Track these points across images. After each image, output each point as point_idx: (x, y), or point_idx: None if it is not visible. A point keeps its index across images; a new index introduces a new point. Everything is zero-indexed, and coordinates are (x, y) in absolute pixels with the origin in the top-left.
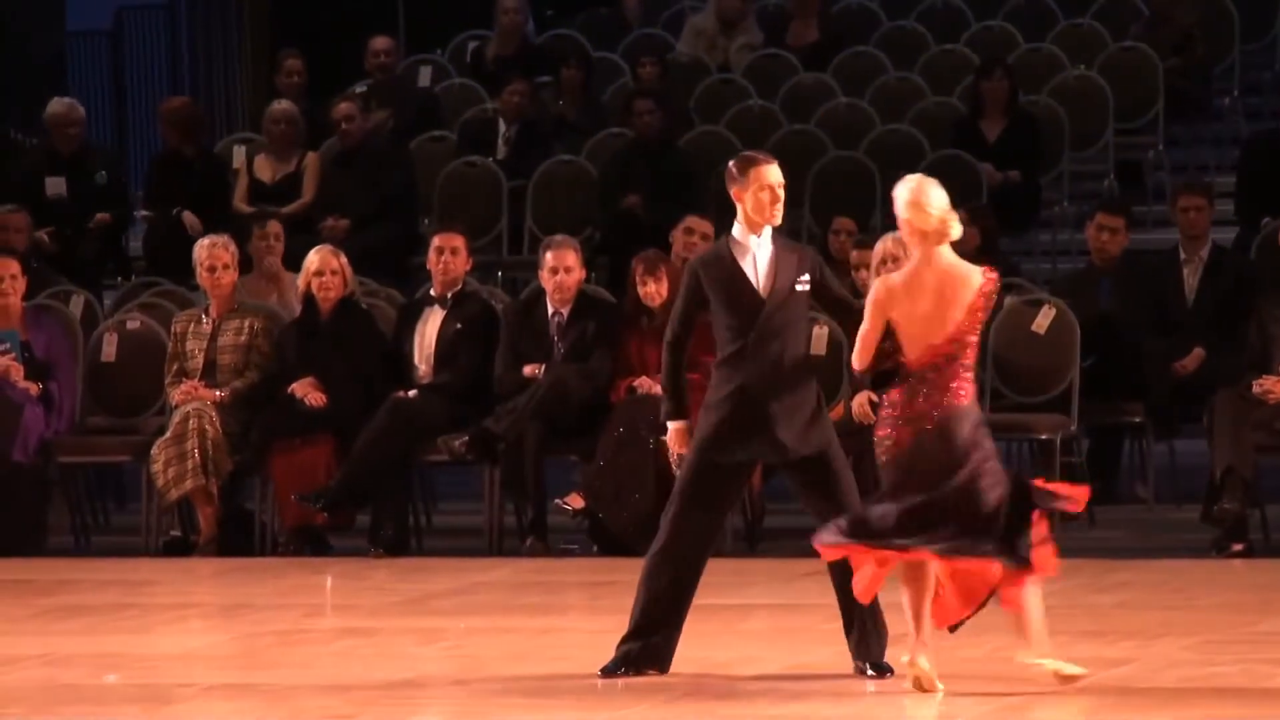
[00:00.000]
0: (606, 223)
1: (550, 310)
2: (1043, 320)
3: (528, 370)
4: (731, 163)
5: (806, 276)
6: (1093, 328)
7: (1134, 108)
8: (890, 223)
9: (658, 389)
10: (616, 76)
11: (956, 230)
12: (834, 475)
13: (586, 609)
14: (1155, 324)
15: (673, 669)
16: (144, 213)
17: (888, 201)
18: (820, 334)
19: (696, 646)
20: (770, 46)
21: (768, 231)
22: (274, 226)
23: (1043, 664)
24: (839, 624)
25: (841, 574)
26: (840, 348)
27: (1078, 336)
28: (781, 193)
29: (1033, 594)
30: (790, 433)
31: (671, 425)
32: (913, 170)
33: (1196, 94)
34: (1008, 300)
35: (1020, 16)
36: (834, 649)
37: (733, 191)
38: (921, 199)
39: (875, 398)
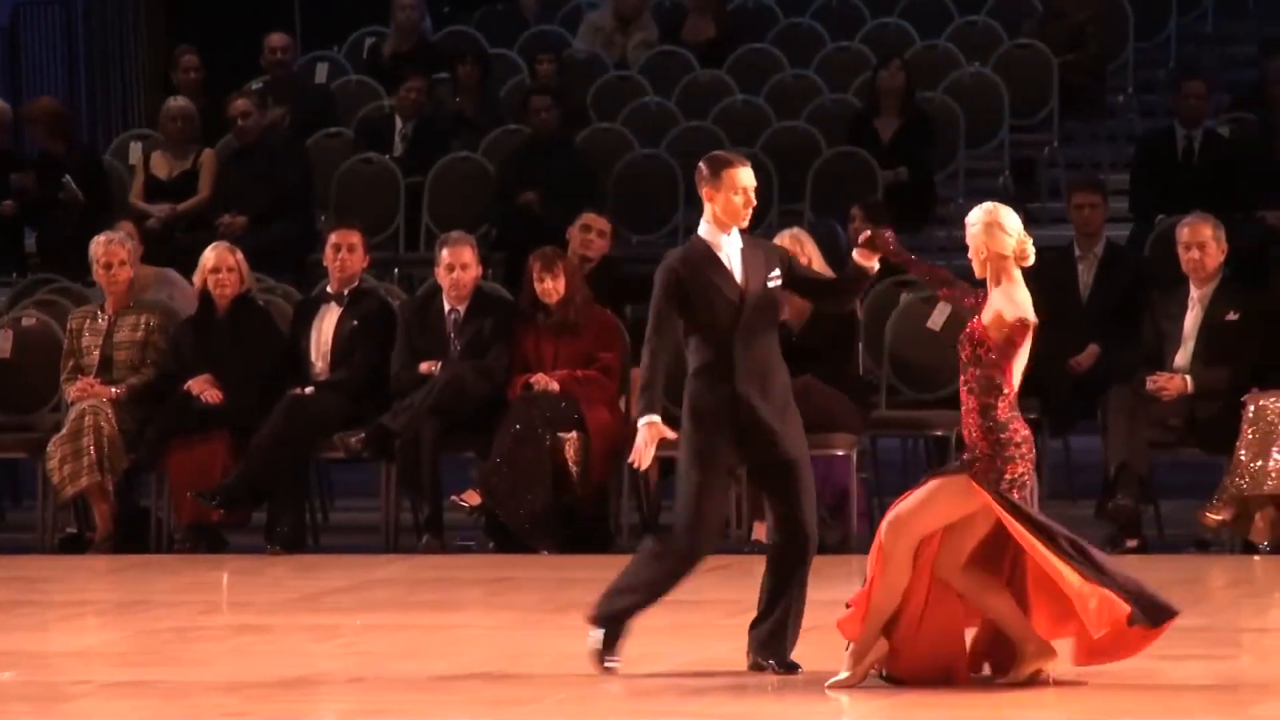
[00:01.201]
0: (503, 219)
1: (447, 307)
2: (938, 317)
3: (424, 367)
4: (702, 162)
5: (777, 272)
6: None
7: (1029, 105)
8: (788, 219)
9: (554, 385)
10: (513, 73)
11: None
12: (807, 480)
13: (483, 606)
14: (1050, 321)
15: (570, 665)
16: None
17: (783, 197)
18: None
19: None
20: (667, 43)
21: (736, 230)
22: (126, 226)
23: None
24: (740, 619)
25: (778, 565)
26: None
27: None
28: (753, 196)
29: None
30: (783, 433)
31: (645, 420)
32: (808, 167)
33: (1091, 91)
34: (903, 297)
35: (915, 13)
36: (735, 644)
37: (703, 191)
38: (1000, 219)
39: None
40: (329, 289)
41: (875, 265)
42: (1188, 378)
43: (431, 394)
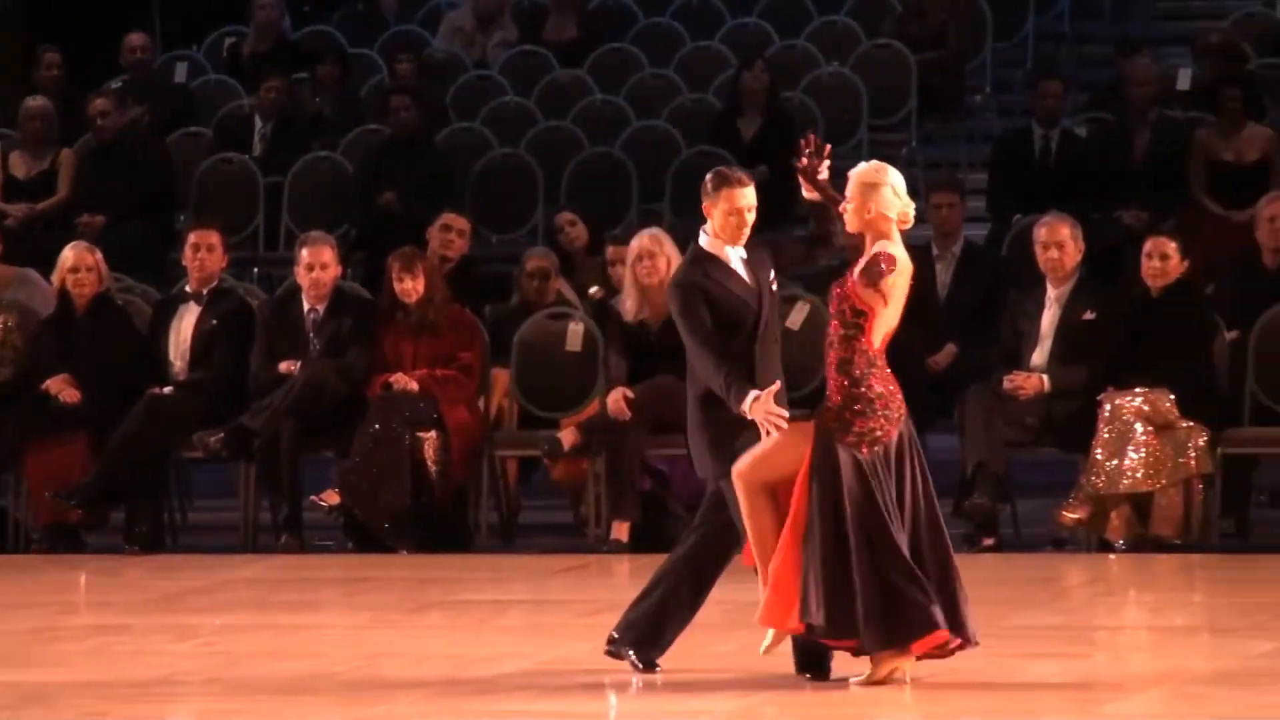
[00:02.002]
0: (363, 219)
1: (306, 307)
2: (796, 317)
3: (283, 367)
4: (709, 176)
5: (773, 274)
6: None
7: (887, 104)
8: (647, 219)
9: (413, 385)
10: (373, 73)
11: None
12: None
13: (342, 605)
14: (908, 320)
15: (428, 665)
16: None
17: (642, 197)
18: (576, 330)
19: (453, 642)
20: (527, 43)
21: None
22: None
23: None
24: (597, 619)
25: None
26: (595, 343)
27: None
28: (751, 215)
29: None
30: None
31: (749, 398)
32: (668, 167)
33: (949, 91)
34: None
35: (775, 13)
36: (592, 644)
37: (704, 205)
38: (892, 181)
39: (630, 394)
40: (188, 288)
41: (816, 196)
42: (1045, 377)
43: (290, 393)
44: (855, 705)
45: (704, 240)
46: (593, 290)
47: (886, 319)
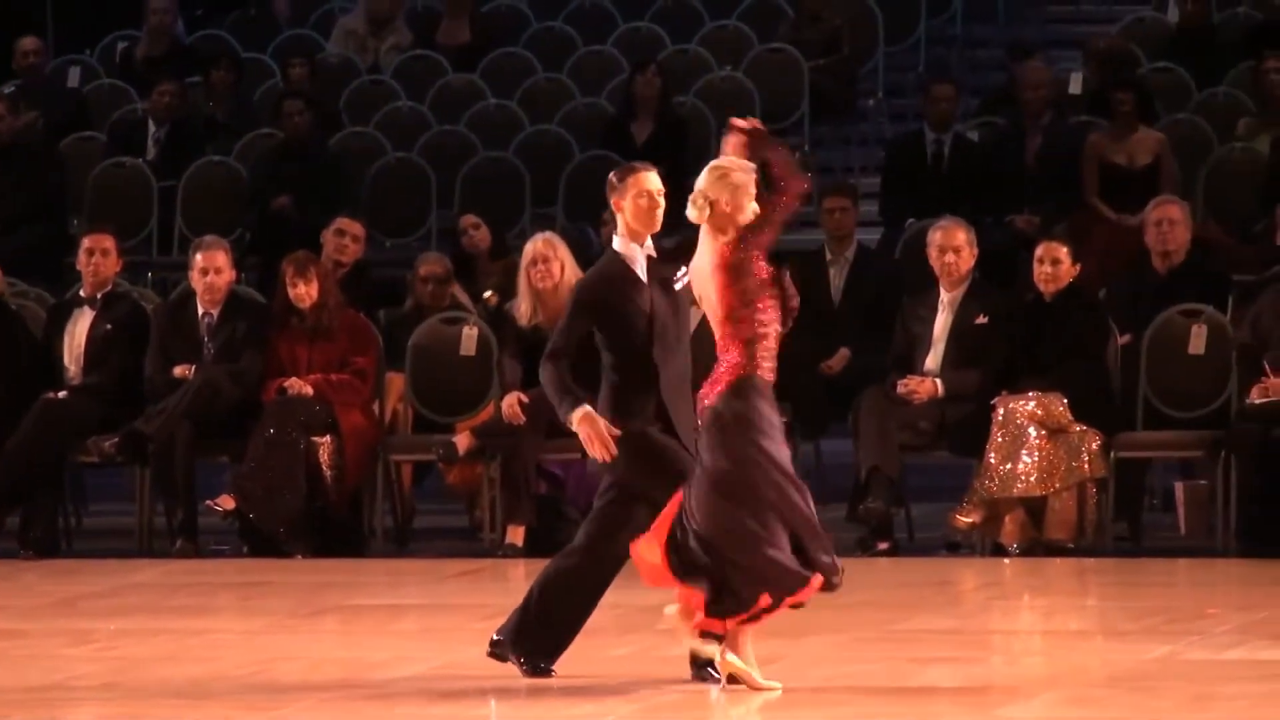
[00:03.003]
0: (256, 223)
1: (200, 311)
2: (691, 320)
3: (178, 371)
4: (611, 174)
5: (684, 270)
6: None
7: (780, 108)
8: (541, 224)
9: (308, 389)
10: (266, 77)
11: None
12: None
13: (237, 610)
14: (801, 324)
15: (324, 669)
16: None
17: (535, 201)
18: (470, 334)
19: (348, 647)
20: (420, 47)
21: (649, 241)
22: None
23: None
24: (490, 623)
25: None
26: (490, 348)
27: None
28: (661, 199)
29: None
30: (692, 442)
31: (579, 412)
32: (561, 171)
33: (841, 95)
34: None
35: (667, 17)
36: (484, 648)
37: (612, 201)
38: (752, 187)
39: (525, 398)
40: (82, 293)
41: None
42: (938, 381)
43: (185, 398)
44: (751, 710)
45: (616, 242)
46: (486, 295)
47: None
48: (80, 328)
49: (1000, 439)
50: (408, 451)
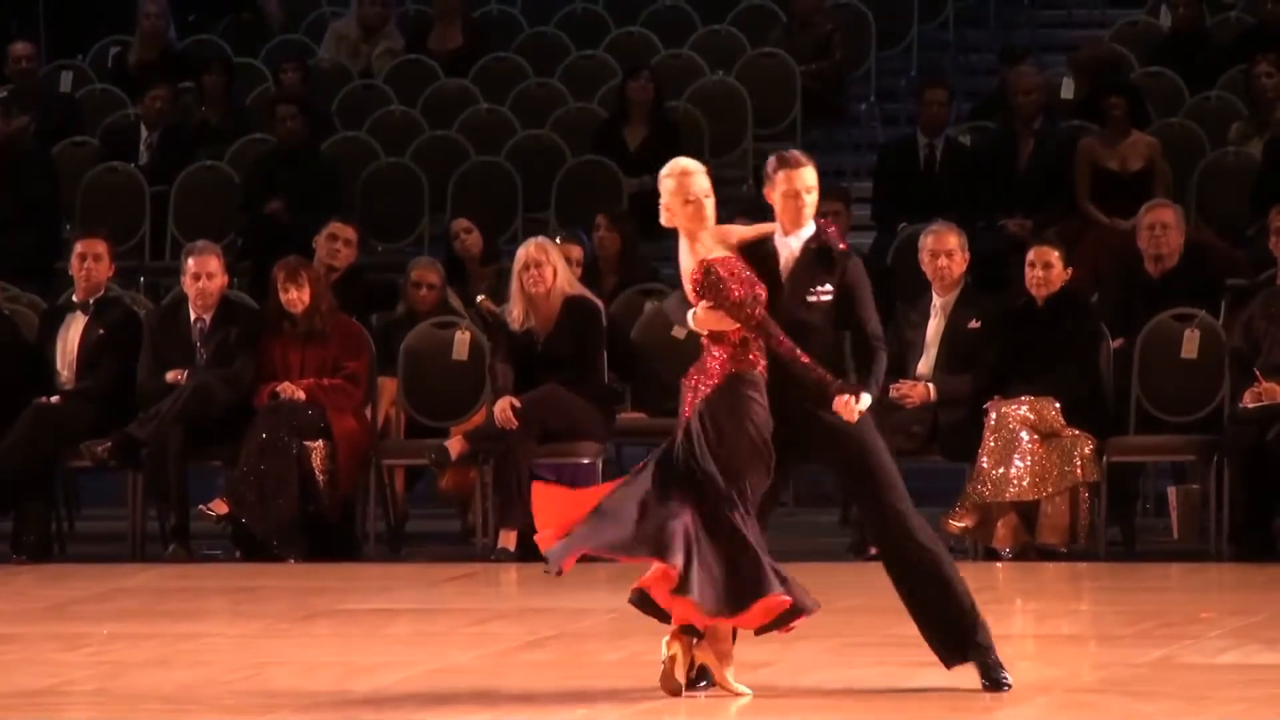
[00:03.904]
0: (249, 228)
1: (193, 316)
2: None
3: (170, 376)
4: (769, 159)
5: (829, 286)
6: None
7: (772, 113)
8: (533, 228)
9: (300, 394)
10: (259, 82)
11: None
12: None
13: (229, 614)
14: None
15: (316, 674)
16: None
17: (528, 206)
18: (462, 339)
19: (340, 651)
20: (412, 52)
21: (803, 233)
22: None
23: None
24: (482, 627)
25: None
26: (482, 353)
27: None
28: (809, 197)
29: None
30: None
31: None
32: (553, 176)
33: (833, 100)
34: (648, 305)
35: (660, 22)
36: (478, 652)
37: (764, 191)
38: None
39: (517, 403)
40: (74, 298)
41: None
42: (930, 385)
43: (178, 403)
44: (742, 714)
45: (777, 233)
46: (480, 299)
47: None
48: (73, 333)
49: (993, 443)
50: (400, 456)
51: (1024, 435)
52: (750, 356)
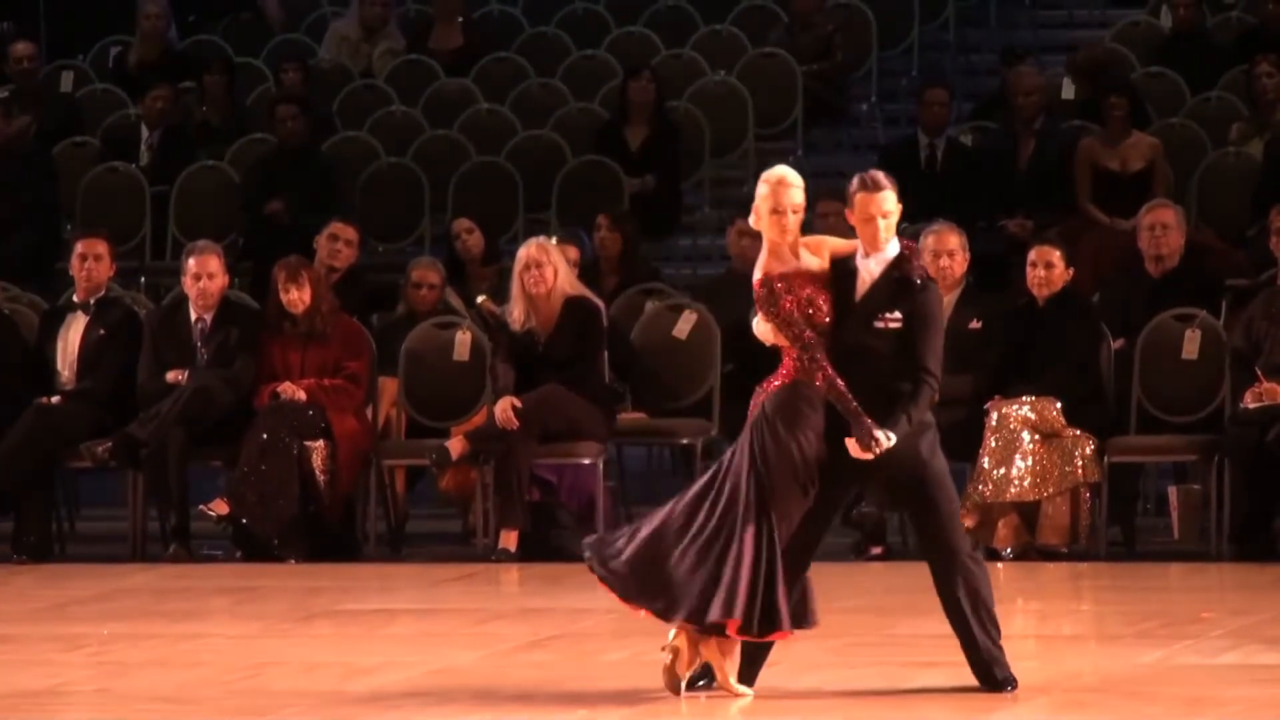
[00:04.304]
0: (250, 228)
1: (193, 316)
2: (684, 326)
3: (171, 376)
4: (852, 180)
5: (898, 314)
6: (733, 334)
7: (773, 114)
8: (534, 229)
9: (301, 394)
10: (259, 82)
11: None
12: None
13: (230, 614)
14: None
15: (317, 674)
16: None
17: (529, 206)
18: (463, 339)
19: (341, 651)
20: (413, 52)
21: (884, 255)
22: None
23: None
24: (482, 628)
25: None
26: (483, 353)
27: (718, 342)
28: (884, 220)
29: None
30: None
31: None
32: (554, 176)
33: (835, 100)
34: (649, 305)
35: (661, 22)
36: (479, 653)
37: (845, 212)
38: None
39: (518, 403)
40: (75, 298)
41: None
42: None
43: (178, 403)
44: (743, 715)
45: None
46: (480, 299)
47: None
48: (73, 333)
49: (994, 443)
50: (401, 456)
51: (1025, 435)
52: (808, 370)
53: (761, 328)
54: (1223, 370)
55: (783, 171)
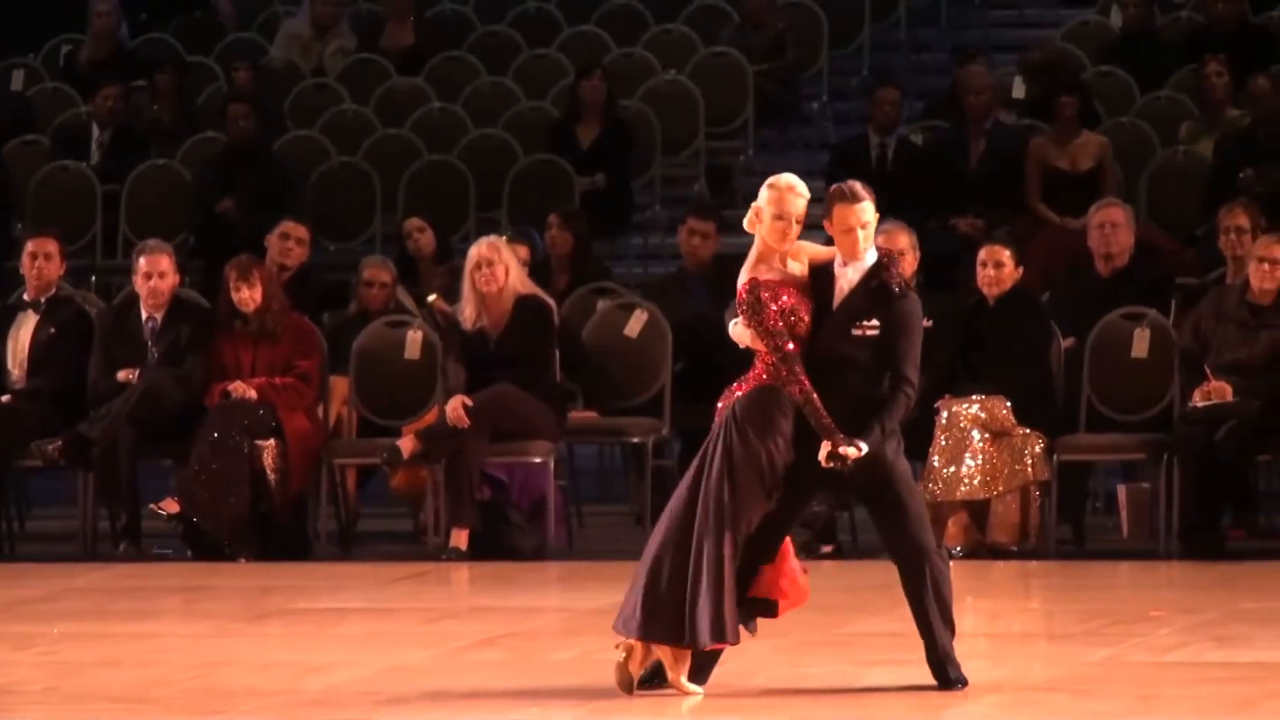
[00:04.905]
0: (201, 227)
1: (144, 315)
2: (635, 325)
3: (122, 375)
4: (830, 189)
5: (875, 322)
6: (684, 332)
7: (725, 113)
8: (485, 227)
9: (252, 393)
10: (211, 81)
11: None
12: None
13: (181, 614)
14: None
15: (268, 673)
16: None
17: (480, 205)
18: (414, 338)
19: (292, 651)
20: (364, 51)
21: (863, 264)
22: None
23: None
24: (433, 626)
25: None
26: (434, 352)
27: (670, 340)
28: (863, 231)
29: None
30: None
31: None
32: (506, 175)
33: (786, 99)
34: (600, 304)
35: (612, 21)
36: (430, 652)
37: (824, 222)
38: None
39: (469, 402)
40: (26, 297)
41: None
42: None
43: (129, 402)
44: (693, 714)
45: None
46: (432, 298)
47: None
48: (24, 332)
49: (944, 442)
50: (352, 455)
51: (975, 434)
52: (778, 377)
53: (740, 331)
54: (1172, 369)
55: (792, 179)
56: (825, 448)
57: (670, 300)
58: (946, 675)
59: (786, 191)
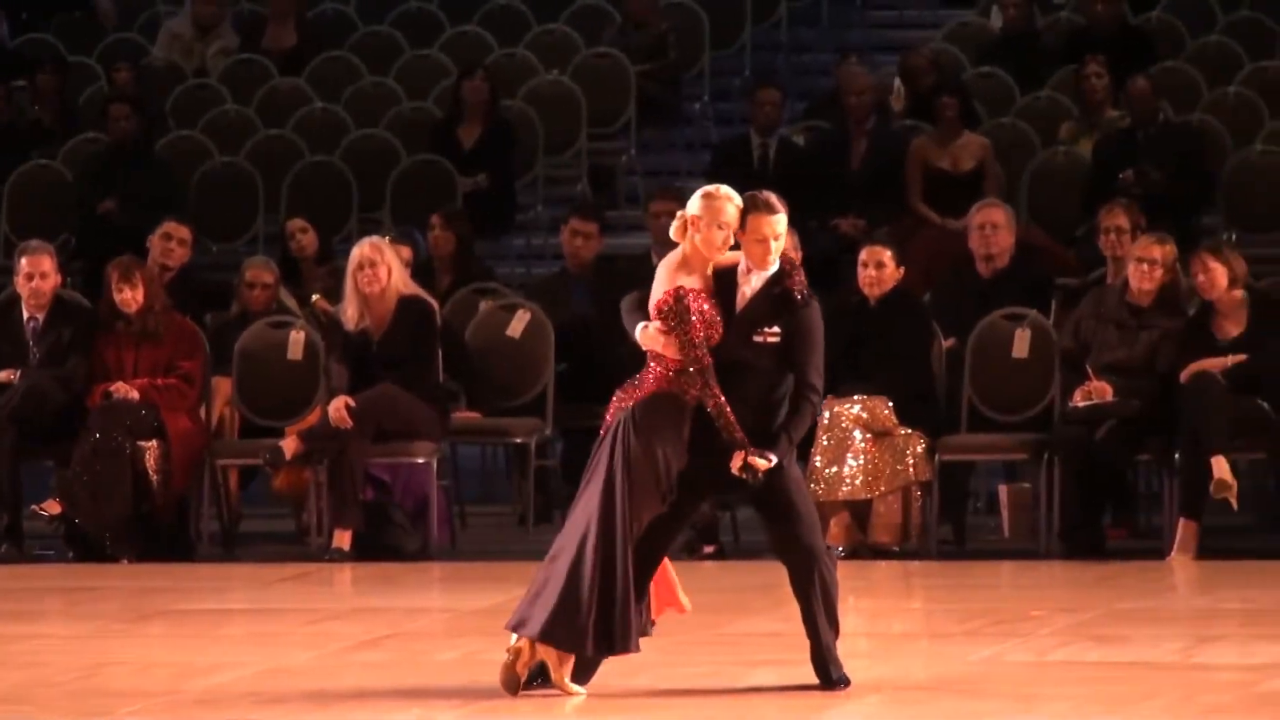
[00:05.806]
0: (82, 228)
1: (26, 315)
2: (517, 325)
3: (3, 375)
4: (745, 197)
5: (777, 329)
6: (567, 332)
7: (607, 113)
8: (367, 228)
9: (134, 394)
10: (92, 80)
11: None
12: None
13: (63, 615)
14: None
15: (151, 674)
16: None
17: (363, 205)
18: (297, 338)
19: (175, 651)
20: (246, 51)
21: (766, 273)
22: None
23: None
24: (317, 627)
25: None
26: (317, 353)
27: (552, 341)
28: (775, 242)
29: None
30: None
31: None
32: (388, 176)
33: (668, 100)
34: (482, 305)
35: (494, 21)
36: (313, 653)
37: (736, 232)
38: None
39: (352, 402)
40: None
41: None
42: None
43: (10, 402)
44: (577, 714)
45: (741, 266)
46: (314, 299)
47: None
48: None
49: (825, 442)
50: (234, 456)
51: (857, 434)
52: (683, 385)
53: (652, 337)
54: (1053, 369)
55: (728, 189)
56: (738, 459)
57: (553, 301)
58: (829, 675)
59: (726, 201)
